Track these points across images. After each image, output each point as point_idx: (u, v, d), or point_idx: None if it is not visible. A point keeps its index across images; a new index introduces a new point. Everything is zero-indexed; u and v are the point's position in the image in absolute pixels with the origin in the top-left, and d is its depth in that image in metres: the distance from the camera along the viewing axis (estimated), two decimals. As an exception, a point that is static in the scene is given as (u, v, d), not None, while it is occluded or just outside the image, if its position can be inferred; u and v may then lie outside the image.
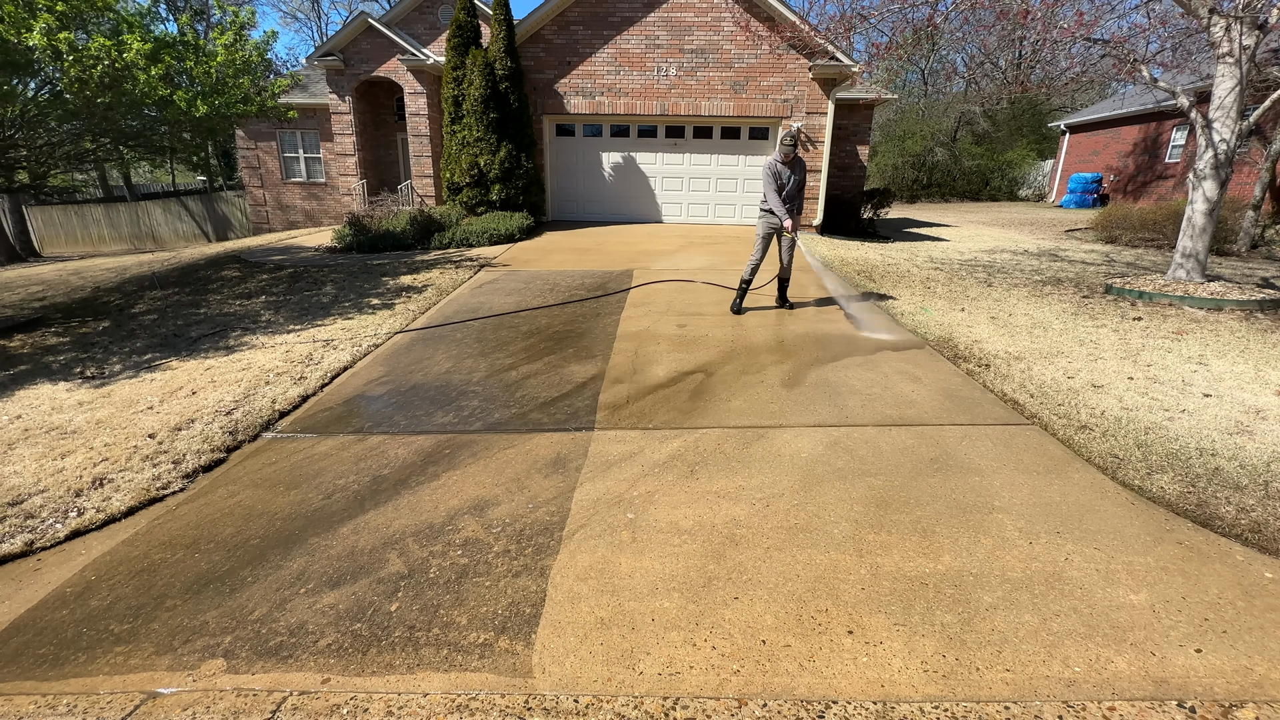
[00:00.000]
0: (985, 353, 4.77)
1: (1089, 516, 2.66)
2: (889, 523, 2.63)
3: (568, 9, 11.66)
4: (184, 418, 3.88)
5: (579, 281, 7.36)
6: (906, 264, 8.82)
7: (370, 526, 2.69)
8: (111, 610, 2.25)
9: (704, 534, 2.57)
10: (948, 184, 26.39)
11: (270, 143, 15.82)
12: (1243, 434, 3.40)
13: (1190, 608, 2.12)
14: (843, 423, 3.59)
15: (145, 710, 1.81)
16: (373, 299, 6.80)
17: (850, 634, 2.03)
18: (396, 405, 4.03)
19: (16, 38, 5.49)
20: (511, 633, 2.06)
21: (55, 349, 5.68)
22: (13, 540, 2.70)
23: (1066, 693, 1.79)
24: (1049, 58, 8.09)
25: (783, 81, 11.75)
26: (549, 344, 5.13)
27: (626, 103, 12.00)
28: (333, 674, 1.91)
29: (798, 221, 5.66)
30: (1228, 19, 6.11)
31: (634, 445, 3.37)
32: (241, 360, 4.95)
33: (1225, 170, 6.46)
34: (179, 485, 3.14)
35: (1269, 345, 4.99)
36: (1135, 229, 11.31)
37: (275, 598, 2.26)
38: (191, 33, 7.49)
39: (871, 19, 7.67)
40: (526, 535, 2.59)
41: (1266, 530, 2.54)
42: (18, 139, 6.97)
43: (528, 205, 11.67)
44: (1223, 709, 1.74)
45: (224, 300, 7.24)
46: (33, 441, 3.65)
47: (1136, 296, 6.54)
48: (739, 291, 5.96)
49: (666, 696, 1.80)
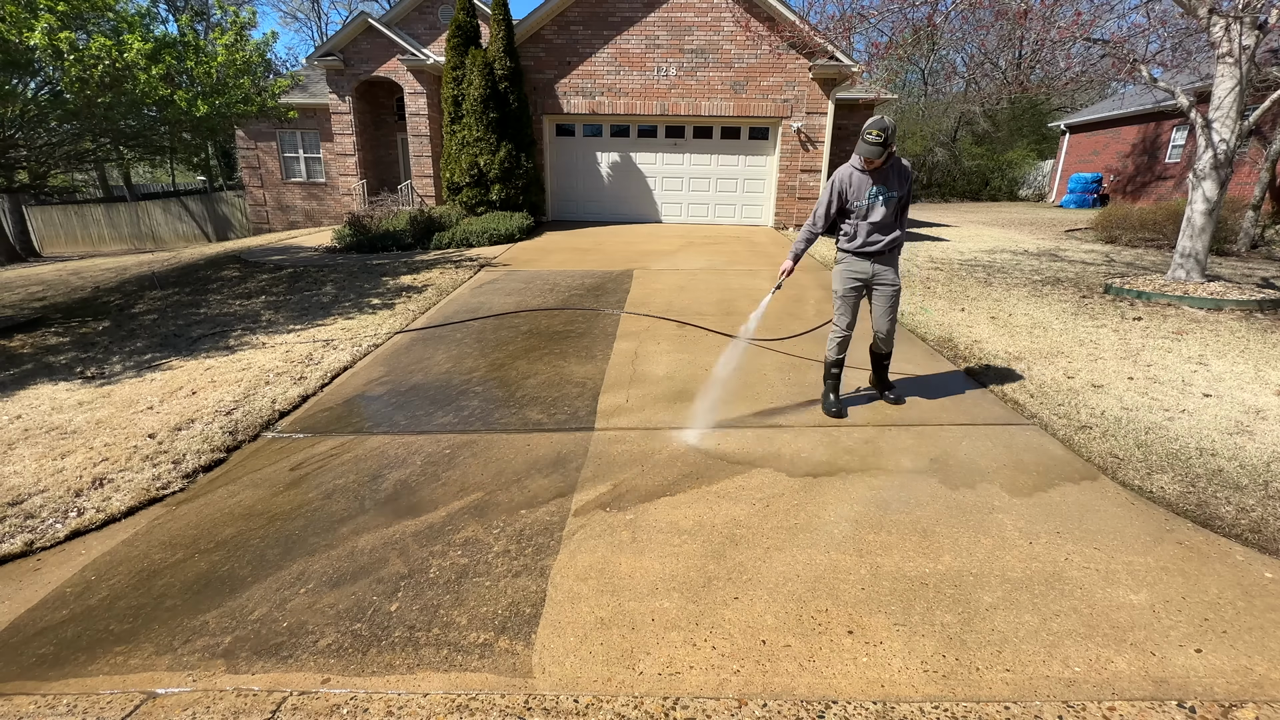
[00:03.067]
0: (985, 353, 4.77)
1: (1089, 516, 2.66)
2: (889, 523, 2.63)
3: (567, 9, 11.67)
4: (184, 418, 3.88)
5: (579, 281, 7.36)
6: (906, 264, 8.82)
7: (370, 526, 2.69)
8: (111, 610, 2.25)
9: (704, 534, 2.57)
10: (948, 184, 26.39)
11: (270, 143, 15.82)
12: (1243, 434, 3.40)
13: (1190, 608, 2.12)
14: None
15: (145, 710, 1.81)
16: (373, 299, 6.80)
17: (850, 634, 2.03)
18: (396, 405, 4.03)
19: (18, 37, 5.49)
20: (511, 633, 2.06)
21: (55, 349, 5.67)
22: (13, 540, 2.69)
23: (1066, 693, 1.79)
24: (1048, 58, 8.09)
25: (783, 81, 11.75)
26: (549, 344, 5.13)
27: (626, 103, 12.00)
28: (333, 674, 1.91)
29: (895, 261, 3.55)
30: (1227, 19, 6.11)
31: (634, 445, 3.36)
32: (241, 360, 4.95)
33: (1225, 170, 6.46)
34: (179, 485, 3.14)
35: (1269, 345, 4.99)
36: (1135, 229, 11.31)
37: (275, 598, 2.26)
38: (192, 33, 7.48)
39: (871, 19, 7.67)
40: (526, 535, 2.59)
41: (1266, 530, 2.54)
42: (18, 139, 6.97)
43: (527, 205, 11.67)
44: (1223, 709, 1.74)
45: (224, 300, 7.24)
46: (33, 441, 3.65)
47: (1136, 296, 6.54)
48: (829, 381, 3.77)
49: (666, 696, 1.80)
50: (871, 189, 3.36)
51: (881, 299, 3.59)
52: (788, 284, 4.01)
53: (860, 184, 3.38)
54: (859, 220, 3.44)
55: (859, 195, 3.39)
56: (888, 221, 3.42)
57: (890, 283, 3.54)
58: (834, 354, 3.70)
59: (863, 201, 3.39)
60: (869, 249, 3.47)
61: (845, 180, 3.41)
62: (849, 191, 3.41)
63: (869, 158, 3.24)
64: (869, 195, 3.37)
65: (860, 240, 3.47)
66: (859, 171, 3.38)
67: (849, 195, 3.42)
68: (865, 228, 3.44)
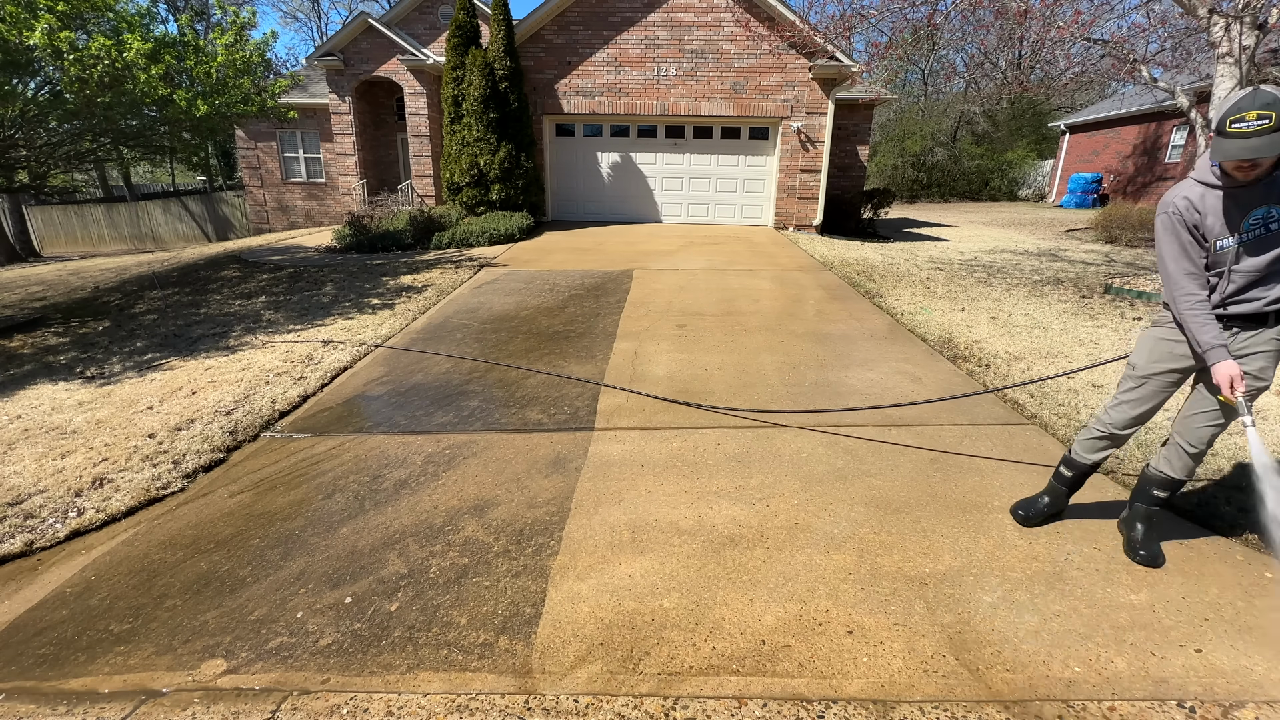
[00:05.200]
0: (985, 353, 4.77)
1: (1089, 516, 2.66)
2: (888, 523, 2.63)
3: (568, 9, 11.67)
4: (184, 418, 3.88)
5: (579, 281, 7.36)
6: (907, 264, 8.82)
7: (370, 526, 2.69)
8: (111, 610, 2.25)
9: (704, 534, 2.57)
10: (948, 184, 26.40)
11: (270, 143, 15.82)
12: (1243, 434, 3.39)
13: (1190, 608, 2.12)
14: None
15: (145, 710, 1.81)
16: (373, 299, 6.80)
17: (850, 634, 2.03)
18: (396, 405, 4.03)
19: (18, 37, 5.49)
20: (511, 632, 2.06)
21: (55, 349, 5.67)
22: (13, 540, 2.70)
23: (1066, 693, 1.79)
24: (1048, 57, 8.09)
25: (783, 81, 11.75)
26: (549, 344, 5.12)
27: (626, 103, 12.00)
28: (333, 674, 1.91)
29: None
30: (1227, 19, 6.11)
31: (634, 445, 3.37)
32: (241, 360, 4.95)
33: (1225, 170, 6.46)
34: (179, 485, 3.14)
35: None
36: (1135, 229, 11.31)
37: (275, 598, 2.26)
38: (191, 33, 7.48)
39: (871, 19, 7.68)
40: (526, 535, 2.59)
41: (1266, 530, 2.53)
42: (18, 139, 6.97)
43: (527, 205, 11.67)
44: (1223, 709, 1.74)
45: (224, 300, 7.24)
46: (33, 441, 3.65)
47: (1136, 296, 6.54)
48: (1067, 478, 2.56)
49: (666, 696, 1.80)
50: (1235, 213, 2.01)
51: (1208, 413, 2.28)
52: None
53: (1210, 212, 2.04)
54: (1216, 271, 2.09)
55: (1215, 221, 2.04)
56: (1272, 267, 2.02)
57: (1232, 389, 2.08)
58: (1087, 454, 2.47)
59: (1242, 236, 2.01)
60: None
61: (1200, 203, 2.06)
62: (1225, 219, 2.03)
63: (1244, 164, 1.92)
64: (1241, 229, 2.01)
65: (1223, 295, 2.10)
66: (1228, 192, 2.02)
67: (1227, 219, 2.03)
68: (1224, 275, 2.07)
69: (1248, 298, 2.08)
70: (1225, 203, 2.03)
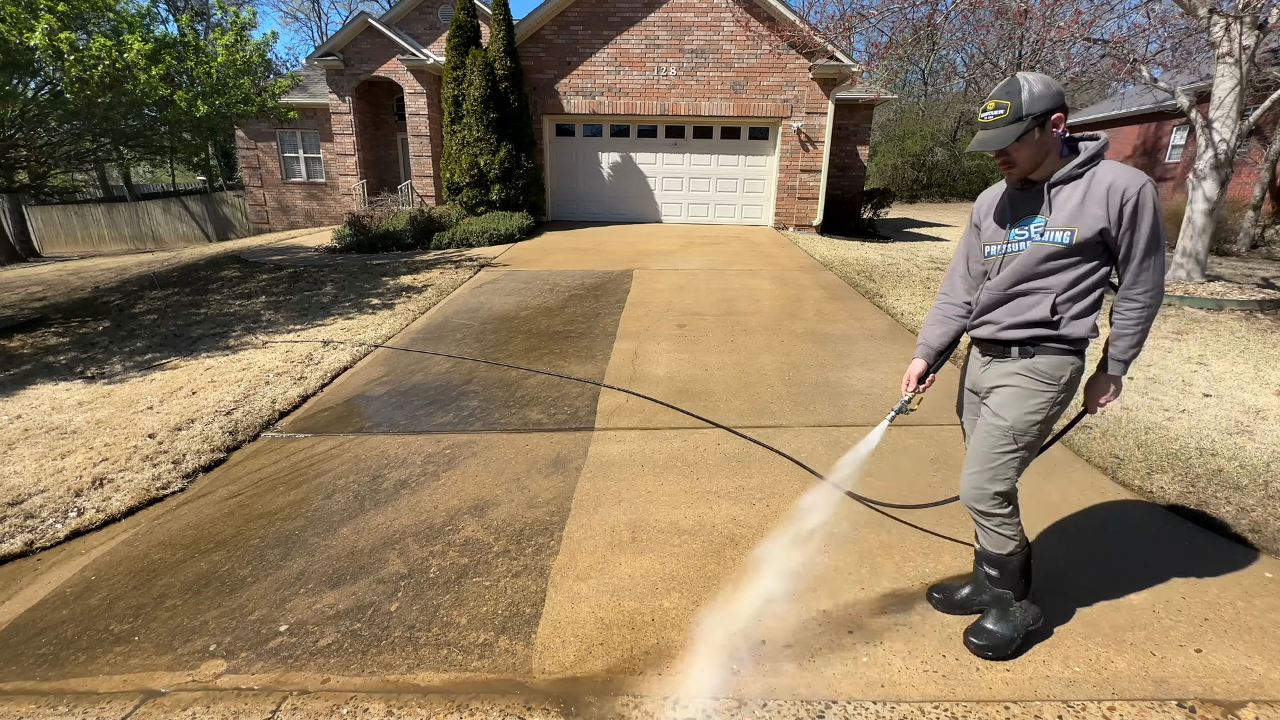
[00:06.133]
0: (985, 353, 4.76)
1: (1089, 516, 2.66)
2: (889, 522, 2.63)
3: (568, 9, 11.67)
4: (184, 418, 3.88)
5: (579, 281, 7.36)
6: (907, 264, 8.82)
7: (370, 526, 2.69)
8: (111, 610, 2.25)
9: (704, 534, 2.57)
10: (948, 184, 26.41)
11: (270, 143, 15.82)
12: (1243, 434, 3.40)
13: (1190, 608, 2.12)
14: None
15: (145, 710, 1.81)
16: (373, 299, 6.80)
17: (850, 634, 2.03)
18: (396, 405, 4.03)
19: (18, 38, 5.49)
20: (511, 632, 2.06)
21: (55, 349, 5.67)
22: (13, 540, 2.70)
23: (1066, 693, 1.79)
24: (1048, 57, 8.09)
25: (783, 81, 11.75)
26: (549, 344, 5.13)
27: (626, 103, 12.00)
28: (333, 674, 1.91)
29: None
30: (1228, 19, 6.11)
31: (634, 445, 3.36)
32: (241, 360, 4.95)
33: (1225, 170, 6.47)
34: (179, 485, 3.14)
35: (1269, 345, 4.99)
36: (1135, 229, 11.30)
37: (275, 598, 2.26)
38: (192, 33, 7.49)
39: (871, 19, 7.68)
40: (526, 535, 2.59)
41: (1266, 530, 2.54)
42: (18, 139, 6.97)
43: (528, 205, 11.67)
44: (1223, 709, 1.74)
45: (224, 300, 7.24)
46: (33, 441, 3.65)
47: (1136, 296, 6.54)
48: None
49: (667, 697, 1.80)
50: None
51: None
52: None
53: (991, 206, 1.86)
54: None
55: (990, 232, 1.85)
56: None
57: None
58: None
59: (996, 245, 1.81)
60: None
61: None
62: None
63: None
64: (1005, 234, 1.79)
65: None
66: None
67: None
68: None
69: (984, 319, 1.84)
70: (1006, 206, 1.79)
